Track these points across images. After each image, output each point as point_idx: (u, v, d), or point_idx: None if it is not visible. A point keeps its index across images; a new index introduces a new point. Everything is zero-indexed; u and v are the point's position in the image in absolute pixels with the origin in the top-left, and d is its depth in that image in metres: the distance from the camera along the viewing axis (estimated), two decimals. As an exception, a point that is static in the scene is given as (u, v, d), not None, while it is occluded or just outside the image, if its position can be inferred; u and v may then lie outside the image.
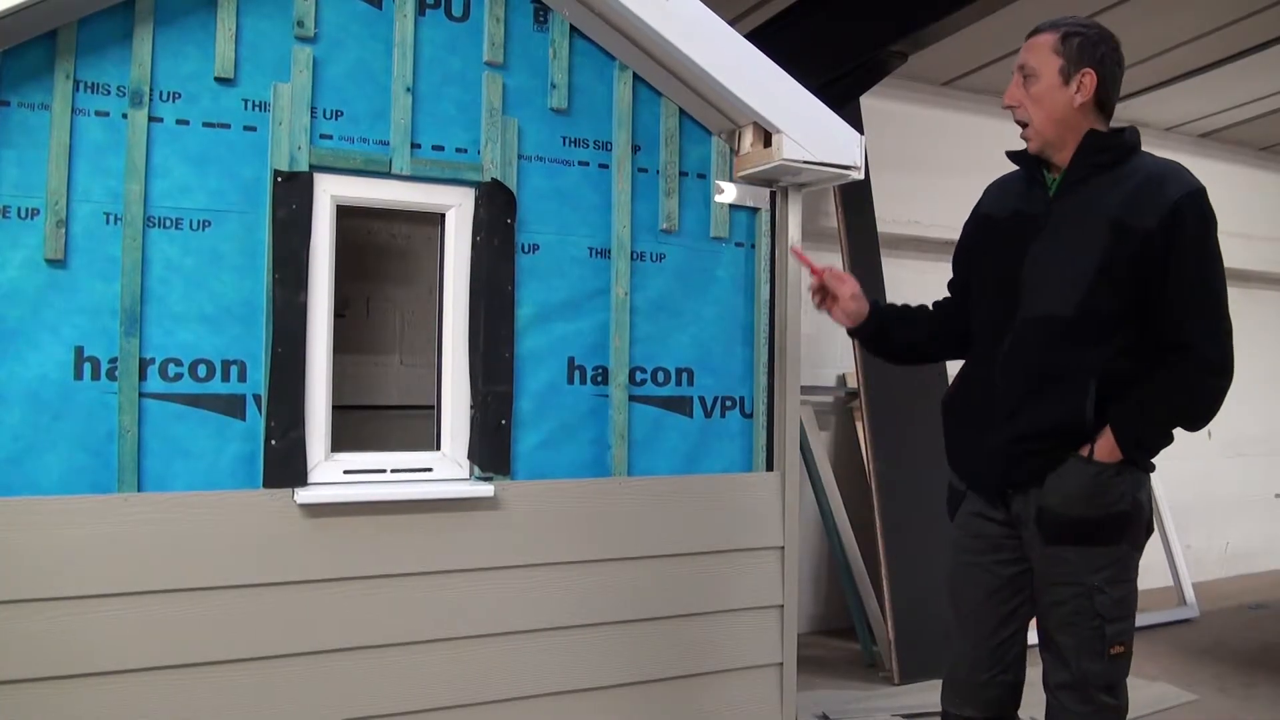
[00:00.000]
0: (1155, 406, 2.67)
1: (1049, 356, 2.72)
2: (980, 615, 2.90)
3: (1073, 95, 2.76)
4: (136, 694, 2.79)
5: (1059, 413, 2.69)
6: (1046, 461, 2.71)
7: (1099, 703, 2.72)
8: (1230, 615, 7.22)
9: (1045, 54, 2.79)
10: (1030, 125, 2.84)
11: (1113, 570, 2.69)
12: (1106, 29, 2.84)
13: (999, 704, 2.89)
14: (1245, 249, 8.41)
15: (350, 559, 3.02)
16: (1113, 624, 2.69)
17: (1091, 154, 2.77)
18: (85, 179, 2.79)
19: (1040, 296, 2.76)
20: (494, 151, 3.25)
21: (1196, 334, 2.62)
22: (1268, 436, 8.91)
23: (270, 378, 2.95)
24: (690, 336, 3.55)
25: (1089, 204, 2.73)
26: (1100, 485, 2.66)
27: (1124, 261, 2.64)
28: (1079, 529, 2.68)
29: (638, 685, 3.42)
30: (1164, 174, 2.70)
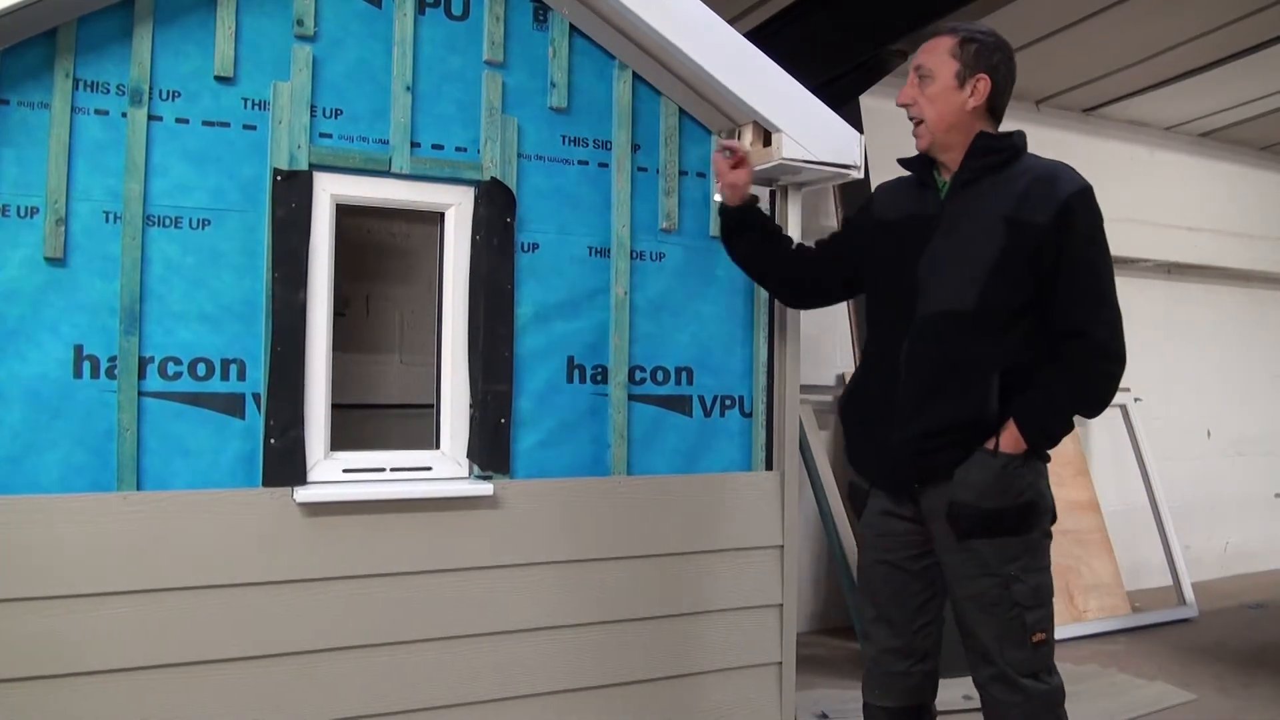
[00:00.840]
0: (1055, 395, 2.74)
1: (951, 351, 2.79)
2: (894, 610, 2.96)
3: (966, 99, 2.85)
4: (136, 692, 2.79)
5: (964, 407, 2.76)
6: (953, 456, 2.77)
7: (1029, 690, 2.76)
8: (1230, 615, 7.21)
9: (943, 56, 2.88)
10: (923, 124, 2.92)
11: (1027, 559, 2.75)
12: (1003, 39, 2.92)
13: (918, 692, 2.98)
14: (1245, 248, 8.42)
15: (349, 558, 3.02)
16: (1032, 611, 2.74)
17: (981, 155, 2.85)
18: (85, 177, 2.79)
19: (939, 293, 2.82)
20: (493, 150, 3.25)
21: (1089, 322, 2.72)
22: (1267, 436, 8.91)
23: (270, 376, 2.95)
24: (690, 336, 3.55)
25: (982, 203, 2.81)
26: (1008, 476, 2.73)
27: (1019, 256, 2.73)
28: (991, 521, 2.73)
29: (637, 684, 3.42)
30: (1054, 173, 2.80)
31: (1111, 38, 6.17)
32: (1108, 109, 7.62)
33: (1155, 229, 7.83)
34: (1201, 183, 8.33)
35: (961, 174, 2.87)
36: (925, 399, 2.80)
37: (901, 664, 2.96)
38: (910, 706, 2.99)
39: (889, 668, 2.98)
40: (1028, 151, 2.89)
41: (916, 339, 2.84)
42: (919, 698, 2.99)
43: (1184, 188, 8.18)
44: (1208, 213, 8.24)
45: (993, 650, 2.77)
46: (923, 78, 2.90)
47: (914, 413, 2.81)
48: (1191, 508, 8.04)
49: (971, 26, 2.91)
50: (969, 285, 2.76)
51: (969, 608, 2.81)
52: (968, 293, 2.76)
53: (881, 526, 2.98)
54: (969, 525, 2.74)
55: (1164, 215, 7.90)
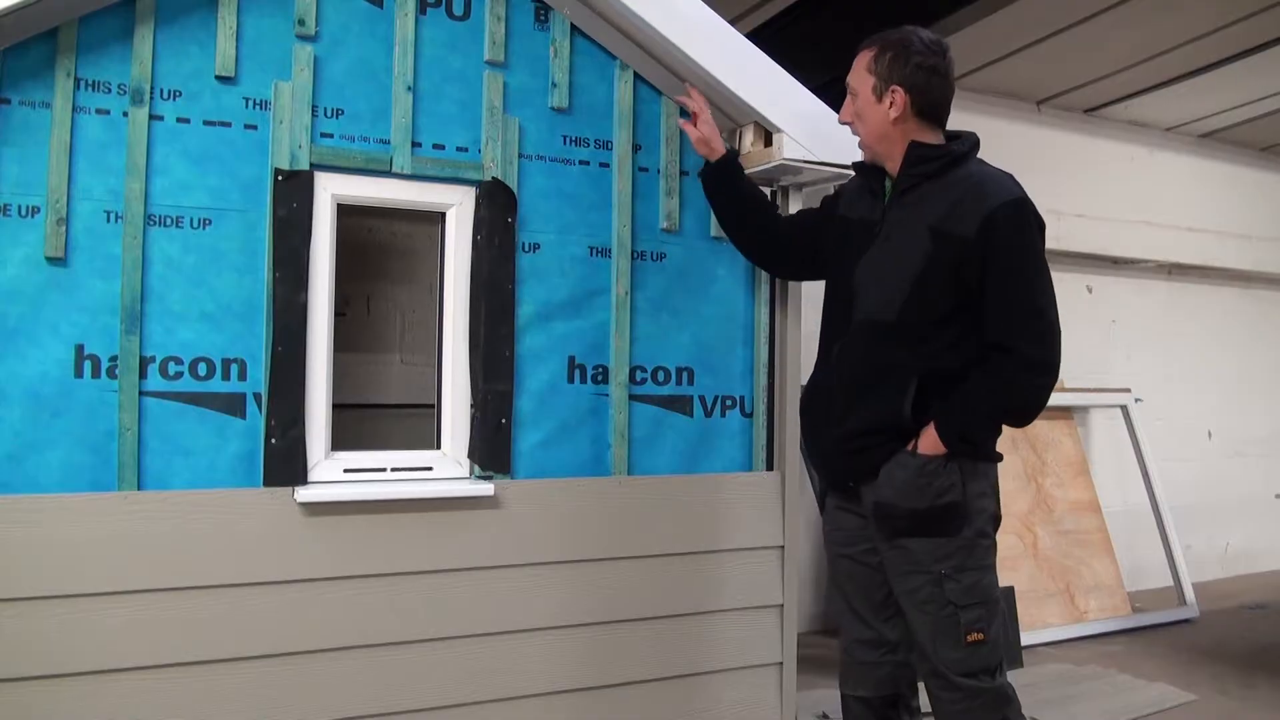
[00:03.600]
0: (977, 403, 2.77)
1: (873, 358, 2.85)
2: (859, 603, 3.03)
3: (886, 111, 2.87)
4: (137, 692, 2.79)
5: (880, 410, 2.81)
6: (877, 456, 2.82)
7: (965, 688, 2.78)
8: (1230, 616, 7.21)
9: (861, 72, 2.94)
10: (860, 140, 2.99)
11: (959, 559, 2.77)
12: (927, 39, 2.90)
13: (891, 682, 3.02)
14: (1246, 250, 8.42)
15: (350, 558, 3.02)
16: (966, 611, 2.76)
17: (915, 164, 2.87)
18: (86, 177, 2.79)
19: (868, 301, 2.88)
20: (495, 150, 3.25)
21: (1017, 337, 2.72)
22: (1268, 437, 8.91)
23: (270, 376, 2.95)
24: (690, 336, 3.55)
25: (914, 211, 2.85)
26: (926, 477, 2.76)
27: (943, 267, 2.76)
28: (912, 521, 2.77)
29: (638, 684, 3.42)
30: (986, 183, 2.80)
31: (1112, 38, 6.17)
32: (1108, 110, 7.62)
33: (1156, 229, 7.82)
34: (1202, 183, 8.33)
35: (899, 182, 2.91)
36: (852, 401, 2.87)
37: (872, 654, 3.01)
38: (885, 696, 3.02)
39: (860, 658, 3.03)
40: (976, 158, 2.91)
41: (848, 342, 2.92)
42: (893, 688, 3.02)
43: (1185, 188, 8.18)
44: (1208, 213, 8.24)
45: (928, 647, 2.81)
46: (851, 94, 2.97)
47: (843, 413, 2.89)
48: (1192, 508, 8.04)
49: (891, 35, 2.92)
50: (894, 295, 2.82)
51: (905, 604, 2.86)
52: (891, 302, 2.82)
53: (837, 521, 3.06)
54: (892, 524, 2.81)
55: (1165, 216, 7.89)
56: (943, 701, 2.83)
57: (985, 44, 6.13)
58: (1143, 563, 7.43)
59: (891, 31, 2.93)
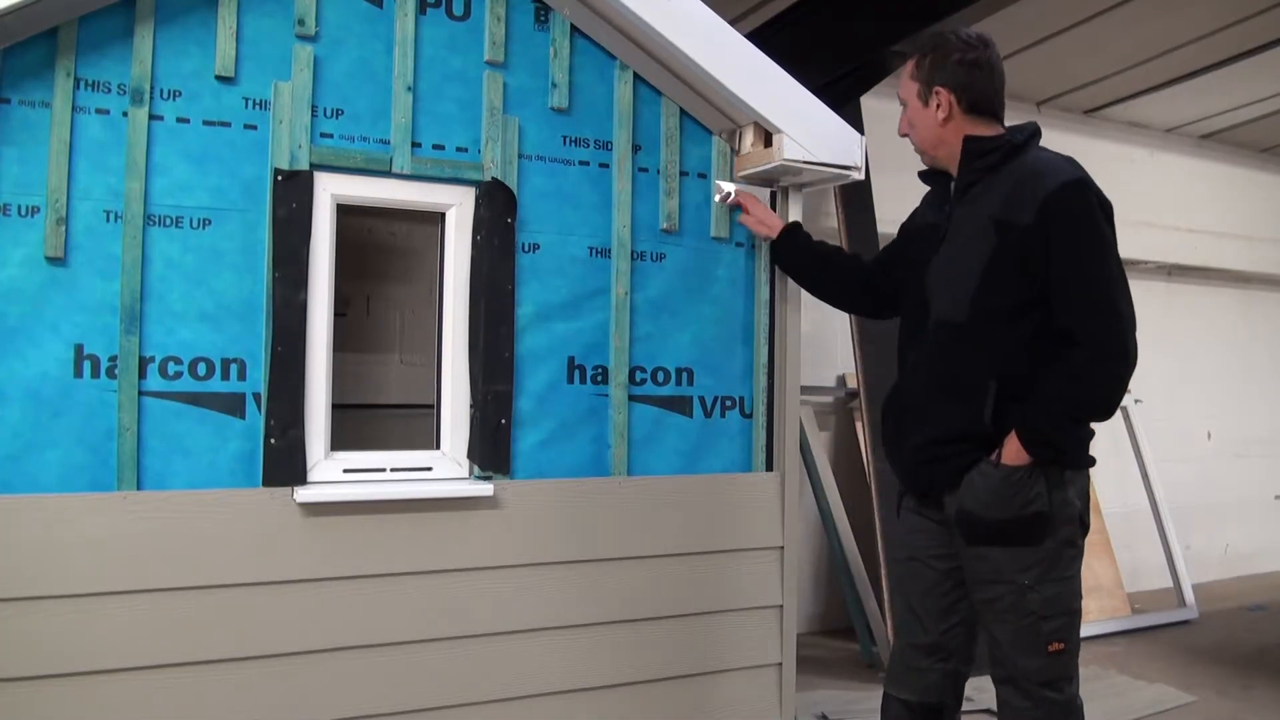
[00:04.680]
0: (1052, 402, 2.68)
1: (948, 363, 2.81)
2: (921, 607, 2.98)
3: (934, 114, 2.88)
4: (136, 692, 2.79)
5: (959, 417, 2.77)
6: (958, 465, 2.77)
7: (1040, 697, 2.75)
8: (1230, 617, 7.22)
9: (907, 81, 2.96)
10: (917, 148, 3.01)
11: (1041, 569, 2.71)
12: (964, 34, 2.90)
13: (936, 690, 2.97)
14: (1246, 250, 8.43)
15: (350, 558, 3.02)
16: (1048, 621, 2.72)
17: (973, 159, 2.85)
18: (86, 177, 2.78)
19: (940, 304, 2.85)
20: (494, 151, 3.25)
21: (1085, 325, 2.64)
22: (1268, 438, 8.92)
23: (270, 376, 2.94)
24: (690, 336, 3.55)
25: (976, 206, 2.82)
26: (1010, 488, 2.69)
27: (1007, 259, 2.70)
28: (996, 530, 2.72)
29: (637, 685, 3.42)
30: (1043, 169, 2.75)
31: (1113, 39, 6.18)
32: (1109, 110, 7.63)
33: (1156, 230, 7.83)
34: (1202, 184, 8.34)
35: (960, 180, 2.89)
36: (929, 408, 2.84)
37: (924, 660, 2.97)
38: (929, 704, 2.98)
39: (911, 662, 3.00)
40: (1037, 145, 2.87)
41: (924, 349, 2.88)
42: (938, 695, 2.98)
43: (1185, 189, 8.19)
44: (1208, 214, 8.25)
45: (1008, 656, 2.77)
46: (903, 105, 2.99)
47: (921, 421, 2.86)
48: (1192, 509, 8.05)
49: (934, 36, 2.93)
50: (961, 294, 2.78)
51: (984, 611, 2.82)
52: (960, 301, 2.78)
53: (911, 523, 3.02)
54: (975, 533, 2.75)
55: (1165, 217, 7.90)
56: (1014, 710, 2.79)
57: (985, 45, 6.13)
58: (1142, 563, 7.44)
59: (930, 36, 2.95)
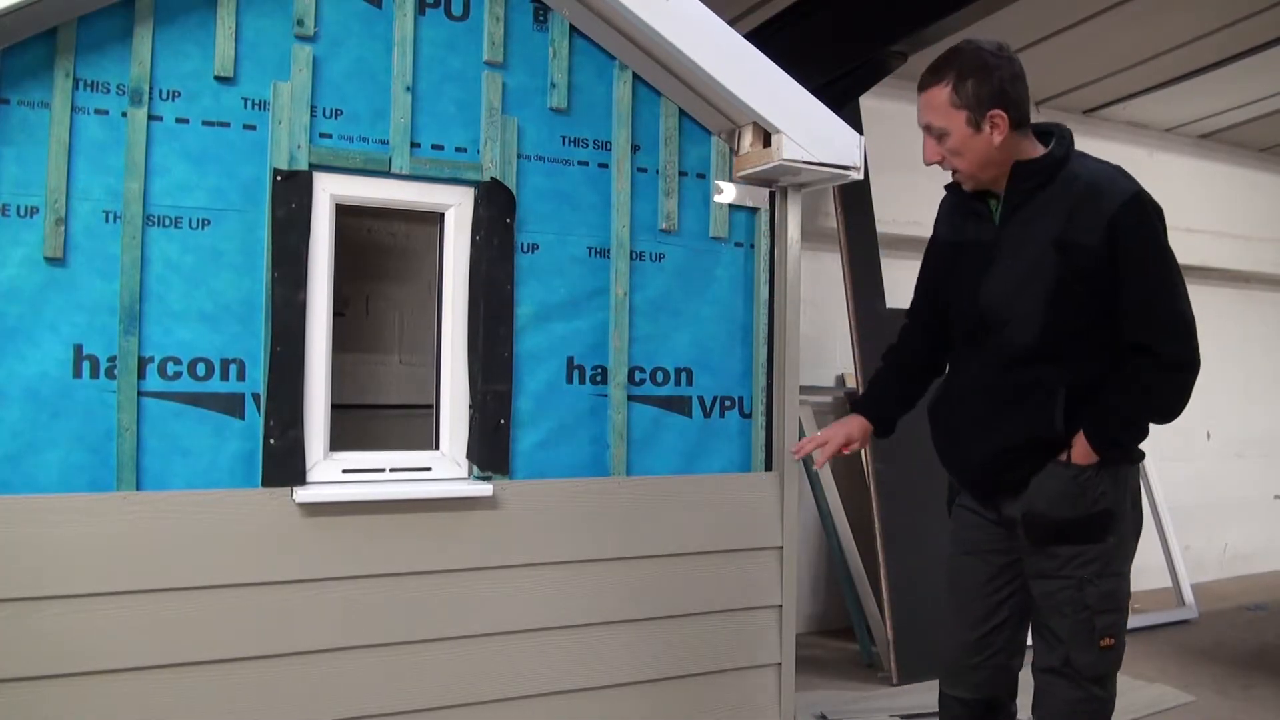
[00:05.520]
0: (1125, 407, 2.74)
1: (1016, 376, 2.81)
2: (973, 602, 3.01)
3: (989, 137, 2.78)
4: (135, 692, 2.79)
5: (1032, 425, 2.78)
6: (1027, 470, 2.80)
7: (1089, 692, 2.81)
8: (1229, 616, 7.22)
9: (945, 110, 2.80)
10: (960, 173, 2.90)
11: (1100, 564, 2.77)
12: (991, 47, 2.80)
13: (990, 685, 3.01)
14: (1245, 250, 8.42)
15: (349, 558, 3.02)
16: (1102, 616, 2.78)
17: (1023, 181, 2.81)
18: (85, 177, 2.79)
19: (1003, 324, 2.83)
20: (493, 151, 3.25)
21: (1156, 336, 2.69)
22: (1267, 438, 8.91)
23: (269, 376, 2.95)
24: (689, 336, 3.55)
25: (1032, 227, 2.79)
26: (1080, 487, 2.74)
27: (1074, 279, 2.71)
28: (1064, 530, 2.76)
29: (636, 685, 3.42)
30: (1099, 186, 2.74)
31: (1111, 39, 6.18)
32: (1108, 110, 7.63)
33: (1155, 230, 7.82)
34: (1201, 184, 8.33)
35: (1009, 200, 2.85)
36: (996, 419, 2.85)
37: (975, 657, 3.00)
38: (984, 699, 3.02)
39: (964, 660, 3.02)
40: (1075, 151, 2.84)
41: (987, 365, 2.88)
42: (991, 691, 3.02)
43: (1184, 189, 8.18)
44: (1207, 214, 8.24)
45: (1061, 645, 2.81)
46: (938, 136, 2.84)
47: (989, 431, 2.86)
48: (1191, 509, 8.05)
49: (957, 59, 2.78)
50: (1030, 318, 2.77)
51: (1042, 604, 2.85)
52: (1031, 324, 2.77)
53: (966, 520, 3.05)
54: (1042, 534, 2.79)
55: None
56: (1060, 700, 2.83)
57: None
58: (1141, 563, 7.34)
59: (953, 56, 2.80)
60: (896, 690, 5.42)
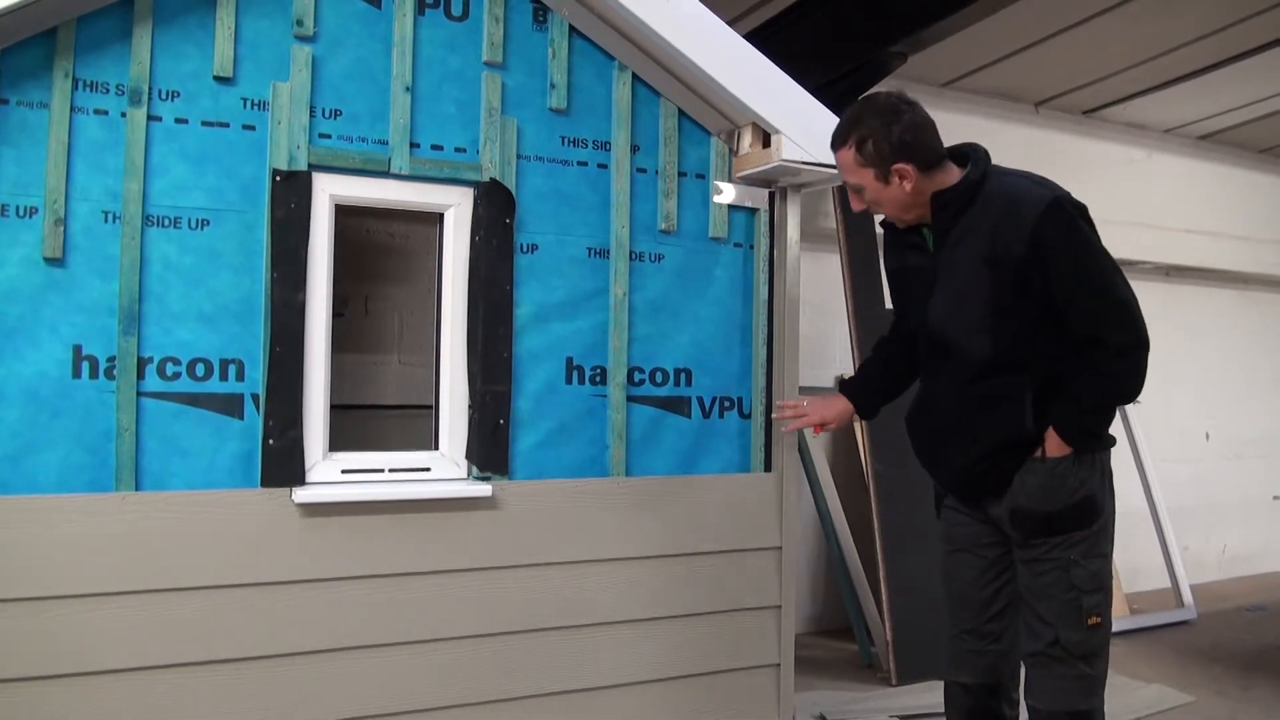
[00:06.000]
0: (1088, 397, 2.85)
1: (981, 387, 2.91)
2: (969, 595, 3.11)
3: (900, 187, 2.87)
4: (135, 692, 2.79)
5: (1004, 430, 2.89)
6: (1006, 470, 2.91)
7: (1079, 670, 2.89)
8: (1228, 617, 7.21)
9: (854, 170, 2.91)
10: (887, 217, 3.03)
11: (1086, 546, 2.88)
12: (885, 103, 2.87)
13: (994, 671, 3.10)
14: (1245, 251, 8.41)
15: (348, 558, 3.02)
16: (1089, 596, 2.87)
17: (944, 210, 2.89)
18: (84, 177, 2.79)
19: (954, 345, 2.93)
20: (493, 151, 3.25)
21: (1102, 329, 2.78)
22: (1266, 439, 8.91)
23: (268, 377, 2.95)
24: (689, 337, 3.55)
25: (961, 249, 2.89)
26: (1058, 479, 2.85)
27: (1008, 292, 2.81)
28: (1050, 521, 2.87)
29: (634, 685, 3.43)
30: (1017, 199, 2.82)
31: (1111, 40, 6.17)
32: (1107, 111, 7.62)
33: (1154, 231, 7.82)
34: (1200, 185, 8.33)
35: (936, 227, 2.93)
36: (971, 428, 2.94)
37: (977, 644, 3.10)
38: (987, 684, 3.11)
39: (965, 647, 3.12)
40: (991, 167, 2.92)
41: (953, 378, 2.96)
42: (994, 676, 3.10)
43: (1183, 190, 8.18)
44: (1206, 215, 8.24)
45: (1050, 627, 2.89)
46: (855, 191, 2.97)
47: (964, 439, 2.96)
48: (1190, 510, 8.04)
49: (855, 121, 2.87)
50: (979, 336, 2.87)
51: (1034, 588, 2.93)
52: (980, 343, 2.87)
53: (955, 519, 3.14)
54: (1031, 527, 2.89)
55: (1163, 218, 7.89)
56: (1054, 677, 2.91)
57: (983, 45, 6.14)
58: (1140, 564, 7.42)
59: (854, 117, 2.89)
60: (895, 690, 5.41)
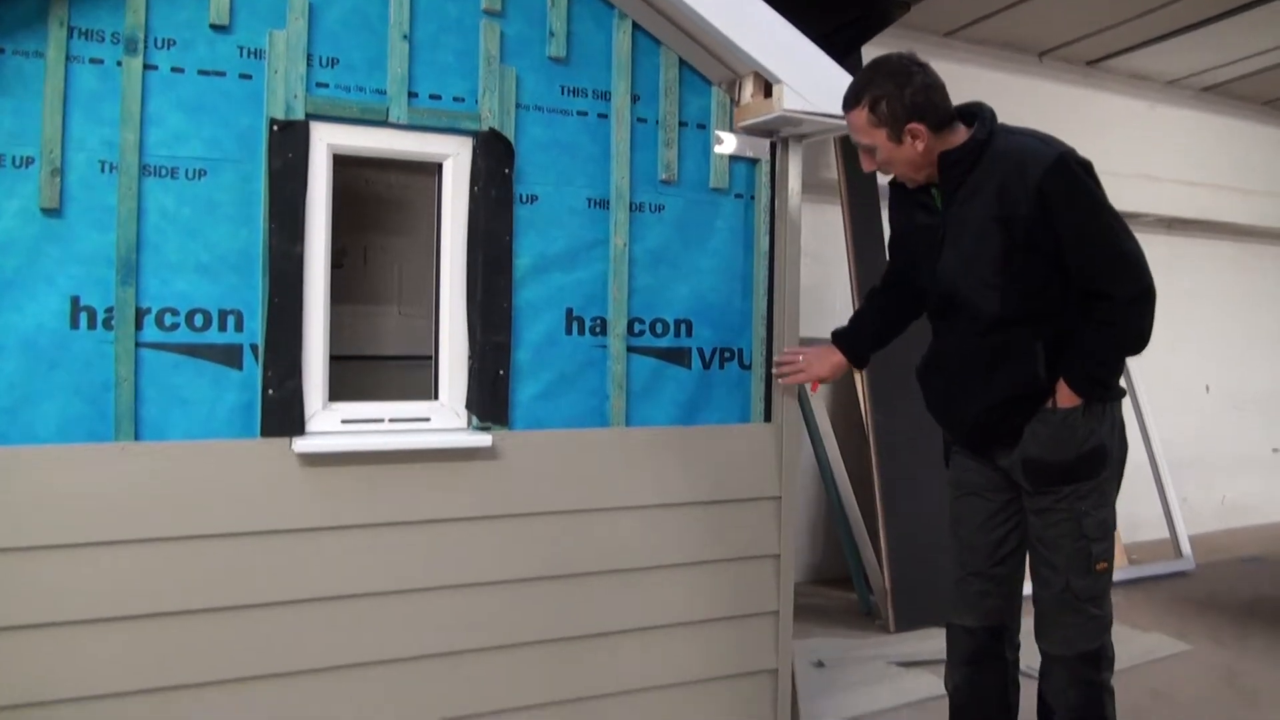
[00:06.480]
0: (1098, 348, 2.90)
1: (993, 341, 2.97)
2: (977, 540, 3.20)
3: (913, 147, 2.93)
4: (134, 641, 2.81)
5: (1016, 382, 2.95)
6: (1018, 421, 2.97)
7: (1088, 613, 2.99)
8: (1226, 568, 7.25)
9: (867, 130, 2.97)
10: (896, 176, 3.08)
11: (1096, 496, 2.97)
12: (898, 63, 2.93)
13: (997, 613, 3.20)
14: (1247, 204, 8.40)
15: (348, 508, 3.03)
16: (1097, 543, 2.97)
17: (952, 169, 2.94)
18: (80, 127, 2.76)
19: (967, 302, 2.99)
20: (492, 100, 3.22)
21: (1109, 282, 2.84)
22: (1266, 392, 8.92)
23: (267, 327, 2.94)
24: (689, 288, 3.54)
25: (969, 208, 2.94)
26: (1070, 429, 2.92)
27: (1017, 249, 2.87)
28: (1061, 471, 2.93)
29: (634, 632, 3.44)
30: (1023, 158, 2.87)
31: (1115, -10, 6.14)
32: (1110, 62, 7.58)
33: (1156, 183, 7.81)
34: (1203, 137, 8.30)
35: (945, 186, 2.98)
36: (984, 381, 3.00)
37: (983, 586, 3.18)
38: (990, 627, 3.19)
39: (971, 589, 3.21)
40: (998, 126, 2.95)
41: (965, 335, 3.03)
42: (998, 619, 3.19)
43: (1185, 142, 8.15)
44: (1208, 168, 8.21)
45: (1060, 574, 2.98)
46: (866, 151, 3.02)
47: (977, 391, 3.02)
48: (1189, 462, 8.07)
49: (868, 81, 2.93)
50: (989, 293, 2.93)
51: (1044, 537, 3.01)
52: (990, 299, 2.93)
53: (964, 465, 3.22)
54: (1042, 478, 2.96)
55: (1165, 170, 7.87)
56: (1062, 625, 3.01)
57: (987, -5, 6.10)
58: (1139, 515, 7.46)
59: (866, 78, 2.95)
60: (893, 638, 5.46)
